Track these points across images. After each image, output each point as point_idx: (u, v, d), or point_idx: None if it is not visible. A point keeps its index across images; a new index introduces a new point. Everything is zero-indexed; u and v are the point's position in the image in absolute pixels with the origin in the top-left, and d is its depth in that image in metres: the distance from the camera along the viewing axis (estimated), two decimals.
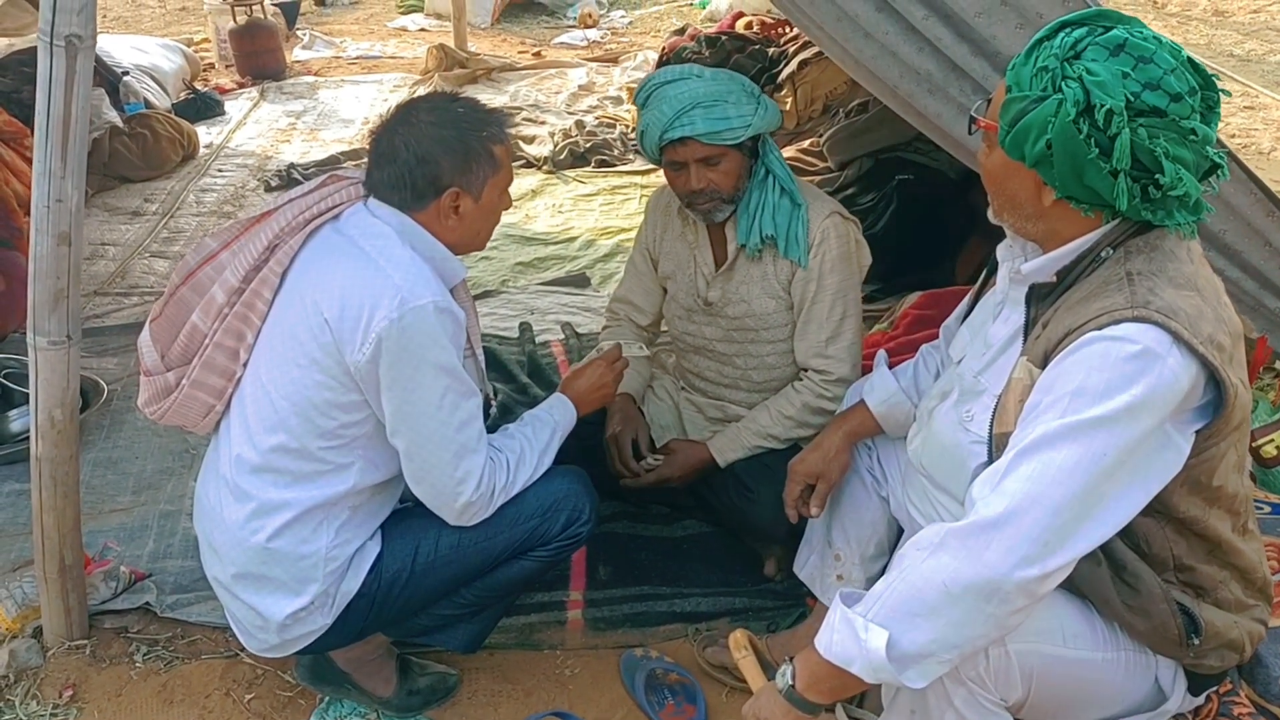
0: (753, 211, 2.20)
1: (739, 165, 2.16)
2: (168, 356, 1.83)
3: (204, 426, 1.88)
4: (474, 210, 1.82)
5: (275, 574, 1.78)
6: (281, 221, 1.79)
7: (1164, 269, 1.43)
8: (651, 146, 2.16)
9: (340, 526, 1.81)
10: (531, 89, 5.87)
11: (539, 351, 3.23)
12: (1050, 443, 1.34)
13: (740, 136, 2.10)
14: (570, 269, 3.83)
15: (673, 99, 2.09)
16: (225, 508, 1.80)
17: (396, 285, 1.68)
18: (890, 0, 2.12)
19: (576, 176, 4.67)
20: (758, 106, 2.14)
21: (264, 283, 1.77)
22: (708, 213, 2.21)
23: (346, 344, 1.68)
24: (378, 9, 8.35)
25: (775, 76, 4.64)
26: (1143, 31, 1.41)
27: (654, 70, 5.23)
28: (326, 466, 1.77)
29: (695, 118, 2.07)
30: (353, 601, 1.84)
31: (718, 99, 2.09)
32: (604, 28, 7.58)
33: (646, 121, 2.14)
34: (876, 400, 1.98)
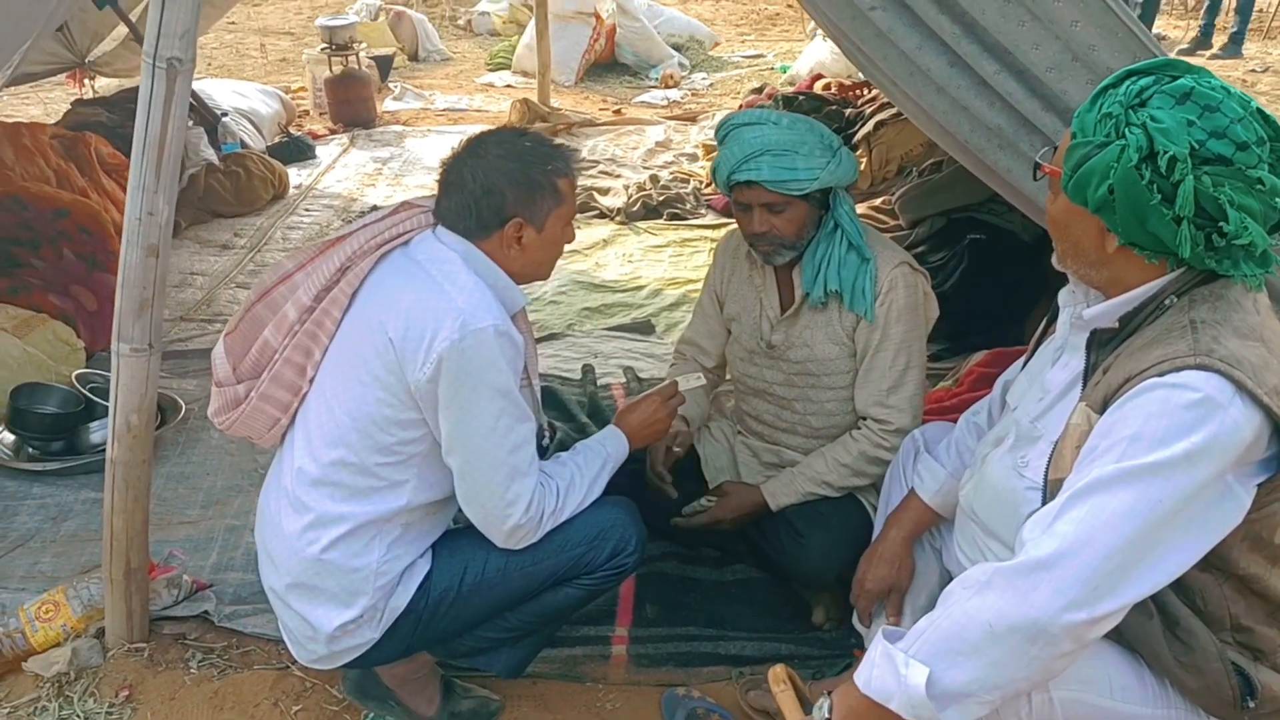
0: (818, 263, 2.22)
1: (804, 215, 2.18)
2: (239, 369, 1.90)
3: (269, 439, 1.94)
4: (536, 241, 1.87)
5: (327, 585, 1.82)
6: (354, 245, 1.86)
7: (1229, 318, 1.41)
8: (723, 184, 2.20)
9: (392, 542, 1.85)
10: (609, 144, 6.00)
11: (600, 393, 3.27)
12: (1105, 487, 1.32)
13: (806, 188, 2.12)
14: (636, 316, 3.88)
15: (745, 141, 2.13)
16: (284, 518, 1.85)
17: (459, 308, 1.73)
18: (962, 55, 2.15)
19: (648, 228, 4.74)
20: (831, 159, 2.15)
21: (334, 302, 1.84)
22: (768, 255, 2.23)
23: (409, 363, 1.73)
24: (468, 66, 8.63)
25: (851, 138, 4.68)
26: (1210, 81, 1.41)
27: None
28: (382, 483, 1.82)
29: (762, 164, 2.10)
30: (400, 618, 1.87)
31: (788, 148, 2.11)
32: (685, 88, 7.71)
33: (720, 159, 2.18)
34: (930, 493, 1.97)
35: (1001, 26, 2.04)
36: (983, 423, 1.97)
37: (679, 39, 8.77)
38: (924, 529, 2.02)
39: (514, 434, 1.79)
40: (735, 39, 9.69)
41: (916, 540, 2.03)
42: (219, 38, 9.38)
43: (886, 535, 2.02)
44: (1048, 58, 2.02)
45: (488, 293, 1.80)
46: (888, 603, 1.99)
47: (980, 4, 2.04)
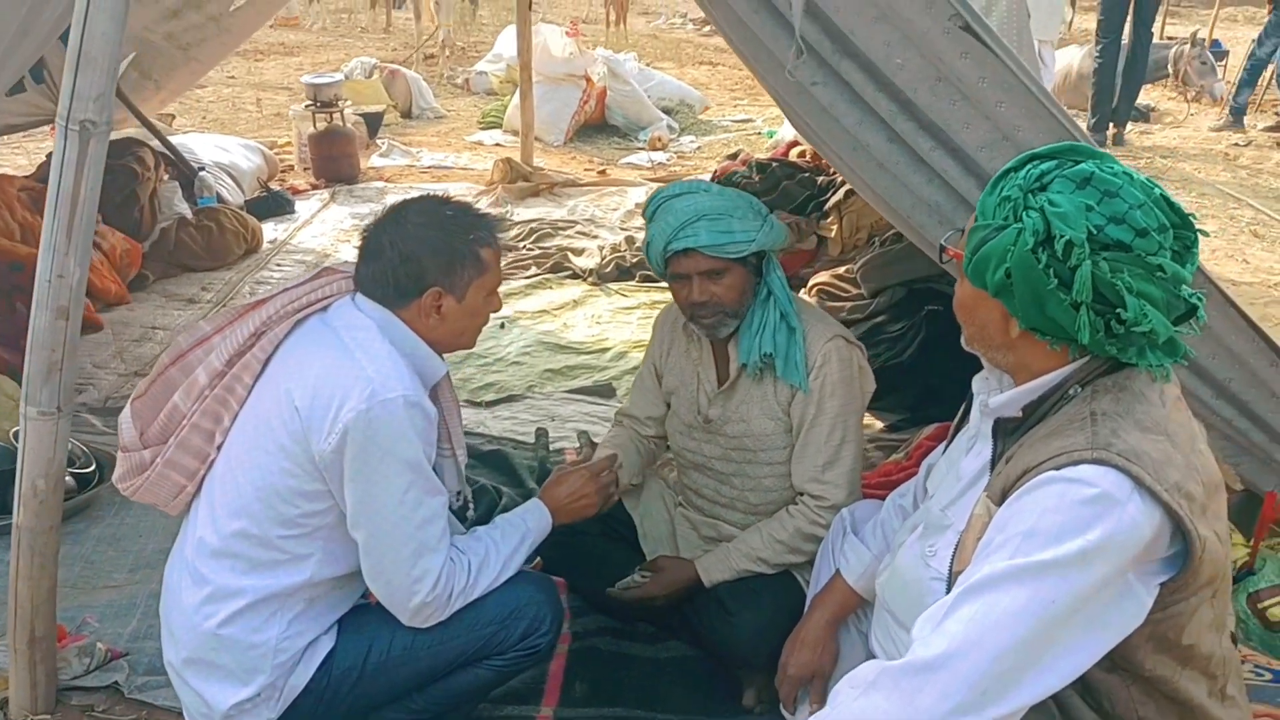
0: (755, 330, 2.20)
1: (742, 280, 2.16)
2: (146, 434, 1.86)
3: (175, 507, 1.90)
4: (457, 310, 1.84)
5: (224, 661, 1.76)
6: (271, 310, 1.84)
7: (1131, 410, 1.37)
8: (656, 258, 2.17)
9: (294, 618, 1.79)
10: (590, 204, 6.02)
11: (551, 458, 3.22)
12: (997, 584, 1.28)
13: (744, 250, 2.11)
14: (598, 379, 3.85)
15: (679, 210, 2.12)
16: (184, 590, 1.80)
17: (369, 377, 1.70)
18: (900, 132, 2.15)
19: (619, 289, 4.73)
20: (763, 224, 2.15)
21: (246, 368, 1.81)
22: (711, 327, 2.20)
23: (314, 432, 1.70)
24: (460, 124, 8.71)
25: (823, 204, 4.69)
26: (1113, 166, 1.39)
27: None
28: (285, 556, 1.77)
29: (700, 229, 2.09)
30: (300, 696, 1.81)
31: (723, 213, 2.11)
32: (672, 151, 7.77)
33: (653, 233, 2.16)
34: (854, 575, 1.93)
35: (934, 105, 2.04)
36: (907, 505, 1.93)
37: (669, 103, 8.86)
38: (849, 612, 1.97)
39: (423, 508, 1.75)
40: (728, 103, 9.79)
41: (841, 623, 1.98)
42: (216, 91, 9.50)
43: (810, 619, 1.97)
44: (978, 136, 2.02)
45: (400, 362, 1.76)
46: (811, 689, 1.93)
47: (913, 83, 2.04)
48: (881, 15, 1.98)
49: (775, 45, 2.24)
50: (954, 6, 1.86)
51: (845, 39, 2.07)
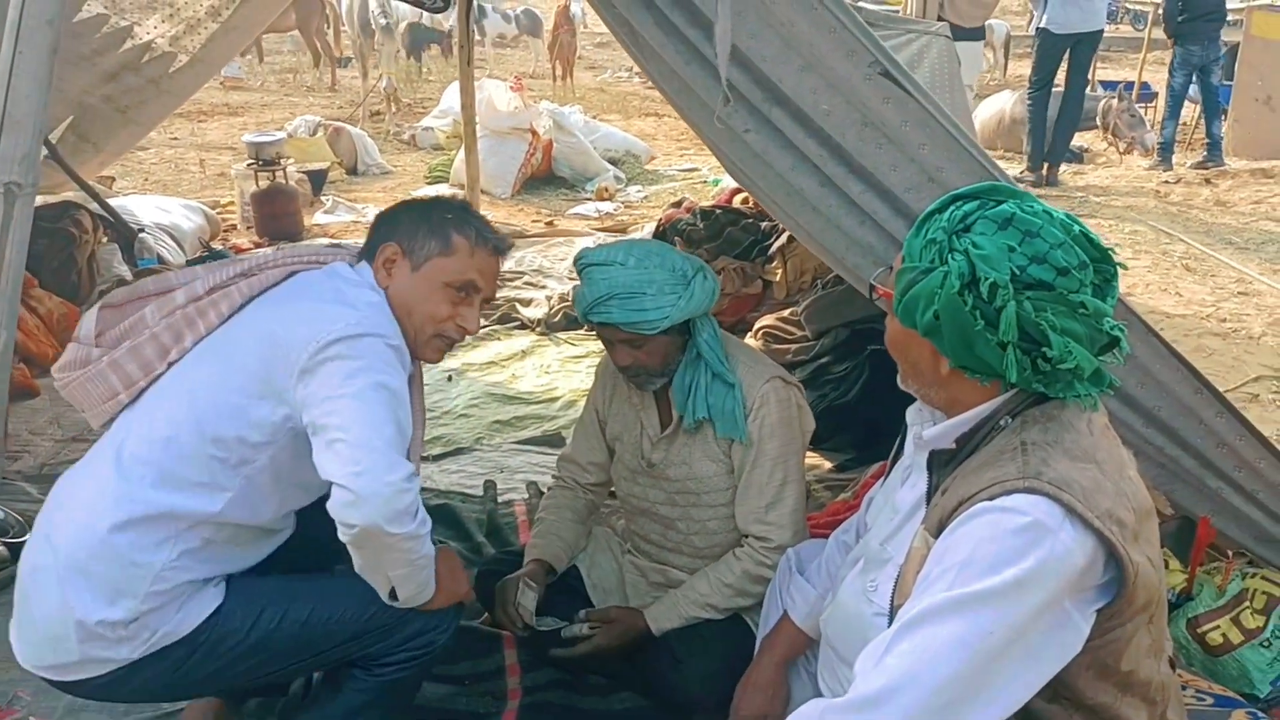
0: (687, 387, 2.20)
1: (664, 347, 2.16)
2: (104, 336, 1.79)
3: (99, 415, 1.81)
4: (408, 278, 1.81)
5: (98, 571, 1.66)
6: (269, 257, 1.83)
7: (1060, 440, 1.40)
8: (582, 318, 2.18)
9: (186, 552, 1.70)
10: (538, 255, 6.05)
11: (500, 511, 3.20)
12: (934, 617, 1.28)
13: (657, 328, 2.09)
14: (547, 429, 3.83)
15: (595, 283, 2.10)
16: (80, 491, 1.72)
17: (361, 316, 1.70)
18: (831, 176, 2.19)
19: (568, 339, 4.74)
20: (682, 295, 2.10)
21: (226, 297, 1.77)
22: (641, 384, 2.24)
23: (292, 350, 1.65)
24: (407, 179, 8.72)
25: (767, 249, 4.74)
26: (1033, 206, 1.42)
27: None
28: (202, 479, 1.69)
29: (612, 308, 2.08)
30: (172, 646, 1.71)
31: (635, 290, 2.07)
32: (619, 201, 7.85)
33: (576, 295, 2.18)
34: (801, 615, 1.94)
35: (862, 149, 2.09)
36: (850, 541, 1.94)
37: (616, 154, 8.96)
38: (798, 653, 1.97)
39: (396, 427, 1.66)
40: (674, 153, 9.92)
41: (791, 664, 1.97)
42: (159, 153, 9.44)
43: (760, 662, 1.97)
44: (905, 179, 2.07)
45: (393, 323, 1.76)
46: None
47: (841, 128, 2.09)
48: (807, 64, 2.03)
49: (708, 95, 2.28)
50: (873, 54, 1.92)
51: (774, 87, 2.12)
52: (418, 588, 1.79)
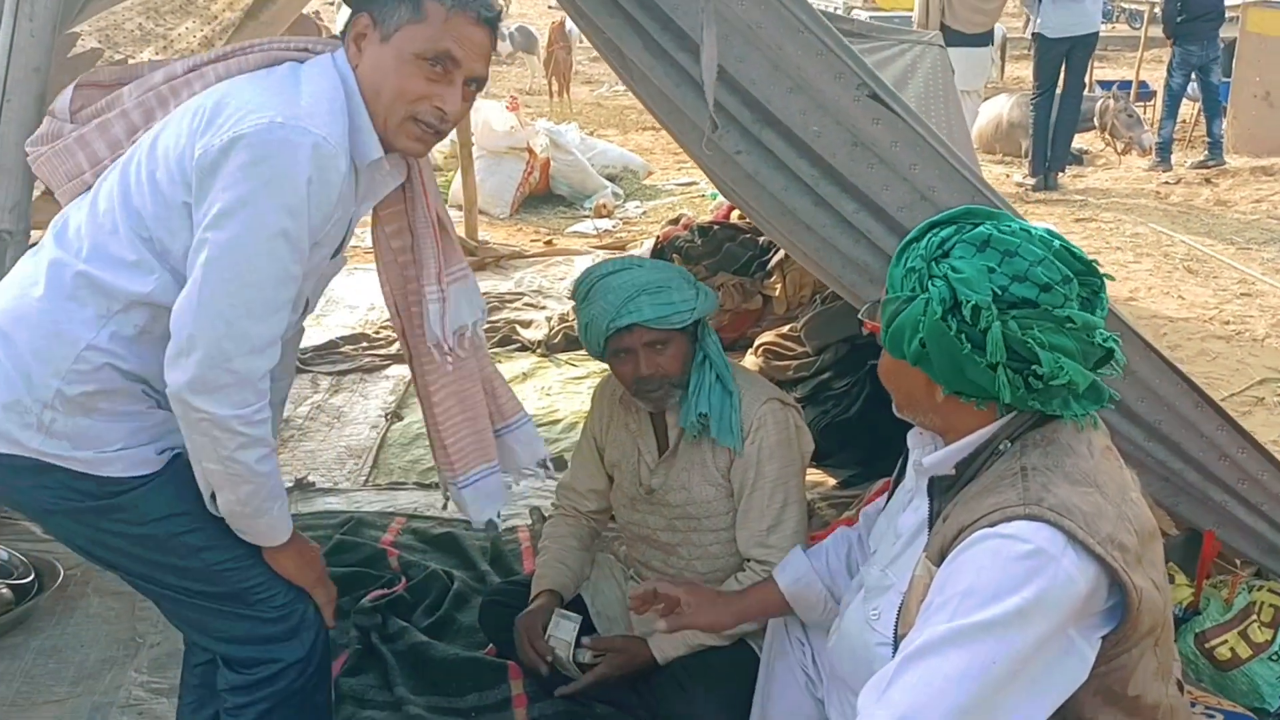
0: (691, 396, 2.21)
1: (684, 349, 2.18)
2: (79, 113, 1.71)
3: (65, 193, 1.72)
4: (377, 51, 1.62)
5: (22, 338, 1.57)
6: (252, 44, 1.72)
7: (1060, 464, 1.39)
8: (598, 338, 2.17)
9: (116, 335, 1.59)
10: (537, 275, 6.05)
11: (503, 538, 3.18)
12: (937, 648, 1.27)
13: (686, 320, 2.13)
14: (550, 452, 3.81)
15: (617, 288, 2.13)
16: (23, 265, 1.65)
17: (296, 106, 1.53)
18: (824, 196, 2.18)
19: (569, 359, 4.73)
20: (698, 293, 2.19)
21: (201, 78, 1.67)
22: (659, 400, 2.21)
23: (209, 128, 1.52)
24: None
25: (766, 264, 4.74)
26: (1010, 225, 1.42)
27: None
28: (132, 257, 1.58)
29: (642, 304, 2.11)
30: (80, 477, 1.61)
31: (661, 285, 2.14)
32: (618, 217, 7.85)
33: (591, 314, 2.17)
34: (787, 579, 1.93)
35: (853, 169, 2.08)
36: (854, 541, 1.92)
37: (613, 170, 8.96)
38: (762, 615, 2.00)
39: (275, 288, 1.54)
40: (671, 167, 9.92)
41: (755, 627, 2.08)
42: None
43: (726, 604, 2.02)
44: (898, 198, 2.06)
45: (340, 115, 1.59)
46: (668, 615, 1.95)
47: (832, 148, 2.08)
48: (795, 86, 2.02)
49: (698, 118, 2.28)
50: (860, 76, 1.91)
51: (763, 109, 2.11)
52: (238, 504, 1.64)
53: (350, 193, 1.63)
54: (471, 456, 2.07)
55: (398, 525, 3.26)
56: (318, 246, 1.63)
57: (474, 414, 2.05)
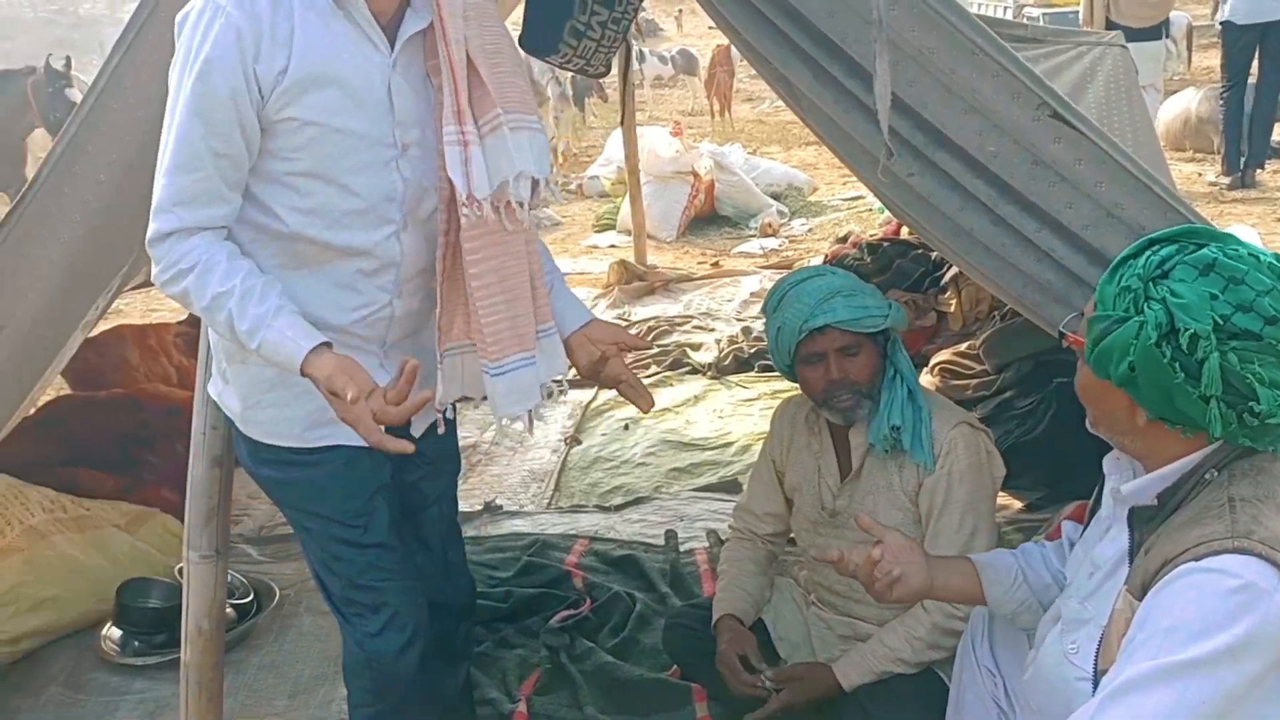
0: (882, 410, 2.21)
1: (874, 359, 2.20)
2: None
3: None
4: None
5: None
6: None
7: (1272, 495, 1.33)
8: (789, 342, 2.19)
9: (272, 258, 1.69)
10: (705, 297, 6.11)
11: (682, 560, 3.24)
12: (1142, 686, 1.23)
13: (879, 324, 2.17)
14: (724, 475, 3.86)
15: (811, 291, 2.18)
16: None
17: None
18: (1003, 215, 2.14)
19: (739, 381, 4.76)
20: (890, 304, 2.23)
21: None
22: (848, 408, 2.20)
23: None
24: (575, 229, 8.99)
25: (939, 279, 4.64)
26: (1237, 250, 1.35)
27: None
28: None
29: (836, 305, 2.14)
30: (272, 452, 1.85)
31: (855, 290, 2.20)
32: (783, 236, 7.84)
33: (784, 318, 2.20)
34: (984, 559, 1.86)
35: (1033, 188, 2.04)
36: (1051, 555, 1.85)
37: (777, 188, 8.95)
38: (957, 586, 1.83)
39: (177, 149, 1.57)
40: (836, 181, 9.82)
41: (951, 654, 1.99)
42: None
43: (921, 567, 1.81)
44: (1082, 216, 2.00)
45: None
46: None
47: (1009, 168, 2.04)
48: (970, 108, 2.00)
49: (868, 142, 2.28)
50: (1040, 96, 1.87)
51: (936, 131, 2.09)
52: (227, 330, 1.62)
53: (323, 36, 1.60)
54: (508, 342, 1.81)
55: (580, 547, 3.36)
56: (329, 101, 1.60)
57: (514, 296, 1.80)
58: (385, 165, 1.68)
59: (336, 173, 1.64)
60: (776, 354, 2.26)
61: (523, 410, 1.87)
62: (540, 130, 1.78)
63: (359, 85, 1.63)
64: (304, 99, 1.59)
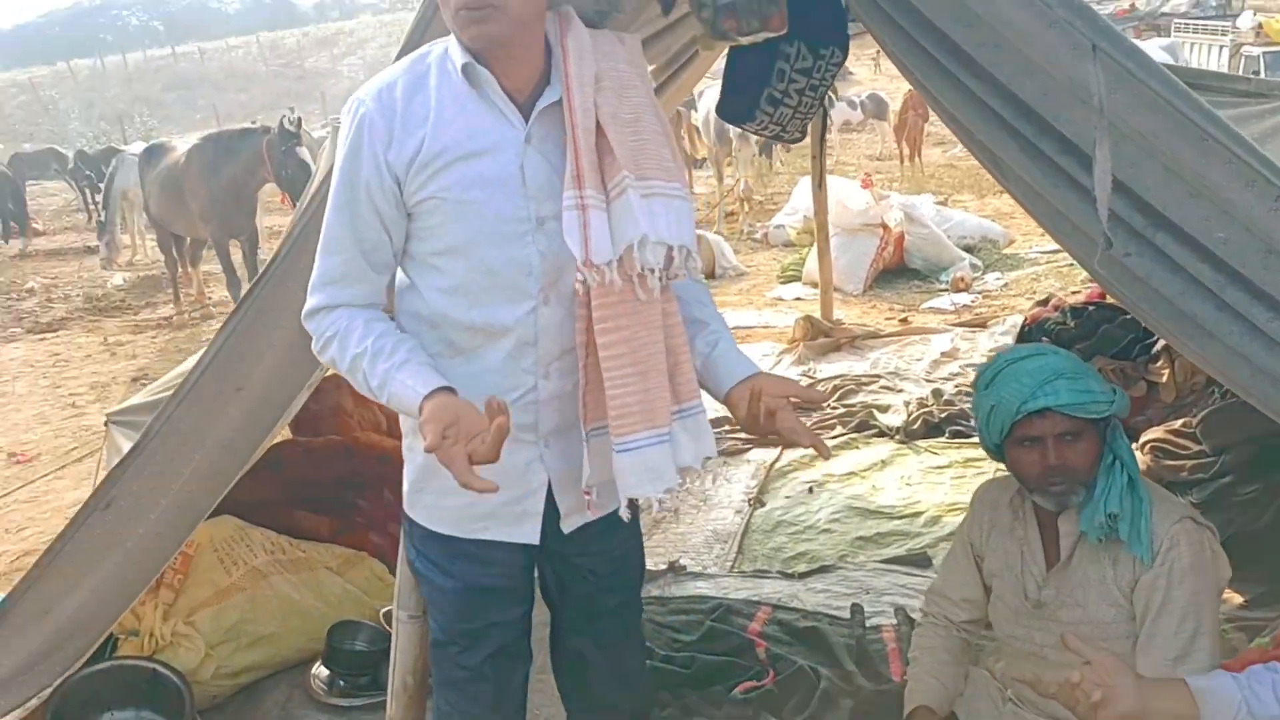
0: (1097, 498, 2.11)
1: (1094, 446, 2.10)
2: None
3: None
4: None
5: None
6: None
7: None
8: (1003, 423, 2.12)
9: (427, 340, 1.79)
10: (893, 356, 5.98)
11: (868, 636, 3.16)
12: None
13: (1103, 411, 2.07)
14: (912, 547, 3.75)
15: (1031, 371, 2.10)
16: None
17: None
18: (1230, 302, 2.02)
19: (929, 447, 4.63)
20: (1115, 389, 2.12)
21: None
22: (1062, 497, 2.11)
23: None
24: (760, 280, 9.01)
25: (1149, 346, 4.39)
26: None
27: (1014, 343, 5.15)
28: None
29: (1059, 388, 2.06)
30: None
31: (1079, 373, 2.10)
32: (976, 291, 7.60)
33: (999, 397, 2.12)
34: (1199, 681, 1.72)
35: (1266, 277, 1.91)
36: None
37: (970, 240, 8.72)
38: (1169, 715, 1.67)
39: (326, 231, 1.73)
40: (1033, 232, 9.45)
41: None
42: None
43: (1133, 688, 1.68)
44: None
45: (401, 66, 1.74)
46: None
47: (1239, 255, 1.93)
48: (1194, 192, 1.90)
49: (1083, 223, 2.20)
50: (1278, 186, 1.76)
51: (1157, 213, 2.01)
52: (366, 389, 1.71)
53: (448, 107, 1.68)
54: (637, 418, 1.73)
55: (764, 615, 3.34)
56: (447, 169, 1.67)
57: (646, 369, 1.73)
58: (520, 239, 1.70)
59: (473, 248, 1.69)
60: (986, 432, 2.19)
61: (653, 492, 1.76)
62: (683, 198, 1.75)
63: (492, 161, 1.68)
64: (439, 178, 1.67)
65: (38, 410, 7.09)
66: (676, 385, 1.79)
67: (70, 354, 8.79)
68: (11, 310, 10.95)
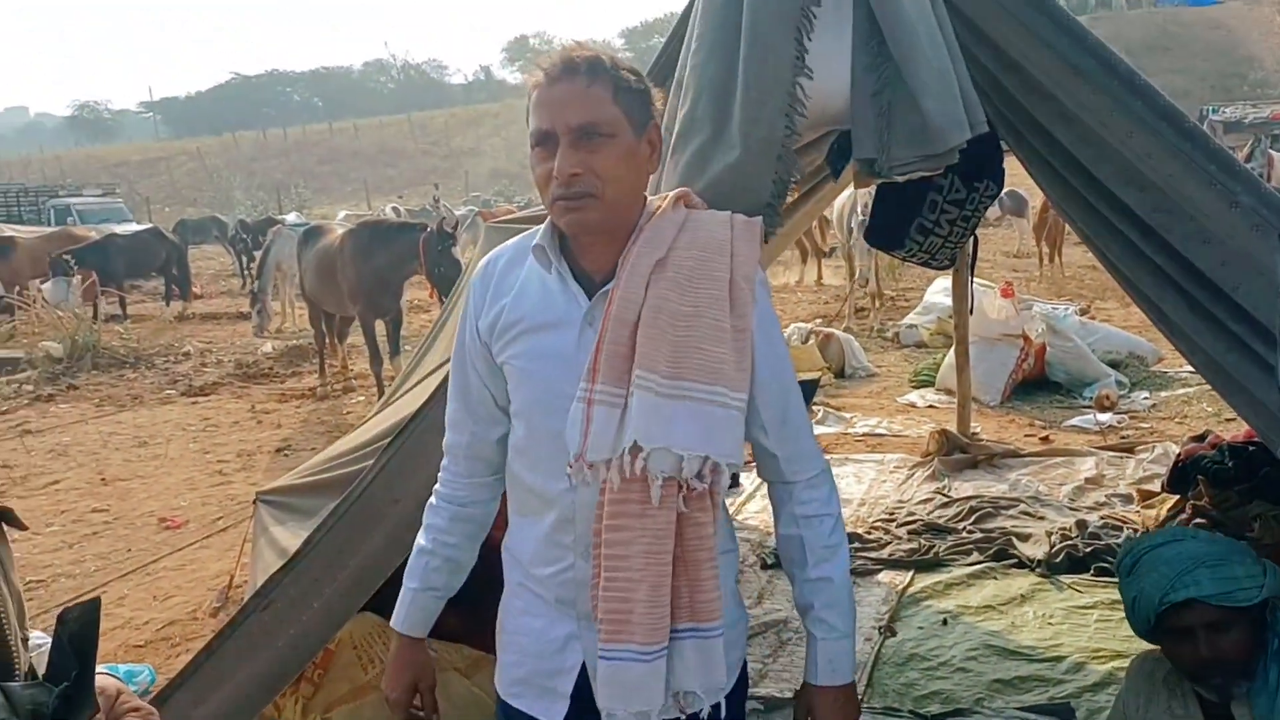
0: (1272, 689, 1.98)
1: (1248, 632, 2.00)
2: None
3: None
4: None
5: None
6: None
7: None
8: (1147, 613, 2.06)
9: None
10: (1033, 478, 5.76)
11: None
12: None
13: (1252, 598, 1.97)
14: (1053, 694, 3.57)
15: (1170, 559, 2.03)
16: None
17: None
18: None
19: (1072, 584, 4.42)
20: (1263, 568, 2.02)
21: None
22: (1222, 688, 2.04)
23: None
24: (891, 382, 8.86)
25: None
26: None
27: (1166, 476, 4.92)
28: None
29: (1200, 577, 1.98)
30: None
31: (1221, 558, 2.00)
32: (1122, 410, 7.30)
33: (1141, 587, 2.07)
34: None
35: None
36: None
37: (1117, 355, 8.42)
38: None
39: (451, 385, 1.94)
40: None
41: None
42: None
43: None
44: None
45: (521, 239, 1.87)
46: None
47: None
48: None
49: (1257, 390, 2.13)
50: None
51: None
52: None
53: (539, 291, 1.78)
54: (623, 627, 1.65)
55: None
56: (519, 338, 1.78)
57: (642, 578, 1.64)
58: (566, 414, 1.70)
59: (531, 414, 1.78)
60: (1134, 620, 2.11)
61: (625, 712, 1.67)
62: (721, 405, 1.66)
63: (556, 336, 1.74)
64: (514, 345, 1.79)
65: (187, 475, 7.46)
66: (695, 603, 1.69)
67: (220, 419, 9.25)
68: (169, 373, 11.62)
